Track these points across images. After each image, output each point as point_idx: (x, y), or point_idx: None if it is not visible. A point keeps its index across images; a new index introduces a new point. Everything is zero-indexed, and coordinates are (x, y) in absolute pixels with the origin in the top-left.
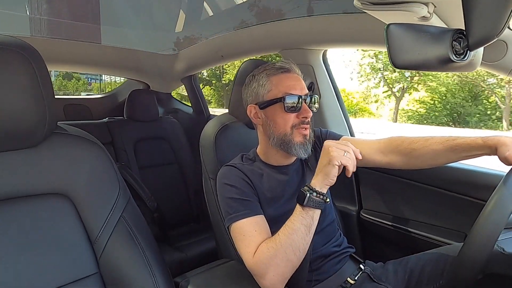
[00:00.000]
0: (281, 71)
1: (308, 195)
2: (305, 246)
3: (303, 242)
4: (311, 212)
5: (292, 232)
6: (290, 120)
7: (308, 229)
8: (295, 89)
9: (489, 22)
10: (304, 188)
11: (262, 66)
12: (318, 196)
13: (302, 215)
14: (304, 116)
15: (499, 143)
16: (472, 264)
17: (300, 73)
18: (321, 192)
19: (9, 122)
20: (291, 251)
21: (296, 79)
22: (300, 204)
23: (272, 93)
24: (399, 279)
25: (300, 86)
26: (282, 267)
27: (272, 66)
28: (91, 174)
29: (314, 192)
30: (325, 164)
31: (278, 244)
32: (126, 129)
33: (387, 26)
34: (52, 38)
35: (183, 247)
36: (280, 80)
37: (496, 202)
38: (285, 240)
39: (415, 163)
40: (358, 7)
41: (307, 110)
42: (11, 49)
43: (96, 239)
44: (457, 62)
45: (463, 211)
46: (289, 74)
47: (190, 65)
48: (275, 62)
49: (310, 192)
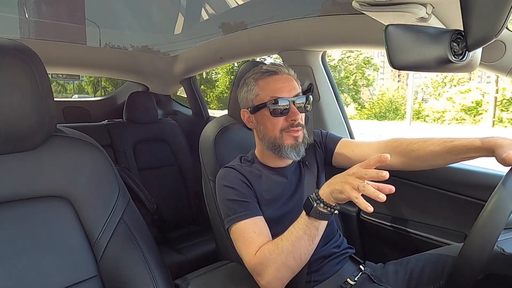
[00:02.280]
0: (267, 74)
1: (314, 206)
2: (307, 255)
3: (305, 251)
4: (316, 223)
5: (295, 240)
6: (278, 124)
7: (311, 239)
8: (282, 92)
9: (488, 22)
10: (312, 196)
11: (251, 70)
12: (325, 207)
13: (306, 224)
14: (292, 119)
15: (496, 145)
16: (472, 265)
17: (293, 72)
18: (328, 204)
19: (8, 125)
20: (292, 258)
21: (284, 81)
22: (306, 213)
23: (259, 98)
24: (399, 280)
25: (288, 88)
26: (282, 271)
27: (259, 70)
28: (90, 177)
29: (322, 203)
30: (338, 189)
31: (280, 249)
32: (126, 131)
33: (386, 27)
34: (51, 41)
35: (183, 249)
36: (266, 83)
37: (495, 203)
38: (287, 247)
39: (413, 164)
40: (357, 8)
41: (296, 112)
42: (10, 52)
43: (96, 241)
44: (456, 62)
45: (462, 211)
46: (276, 77)
47: (189, 67)
48: (262, 65)
49: (317, 202)
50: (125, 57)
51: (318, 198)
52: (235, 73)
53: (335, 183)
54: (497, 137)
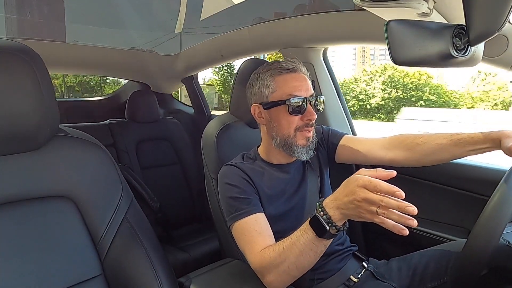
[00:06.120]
0: (287, 71)
1: (327, 229)
2: (310, 265)
3: (309, 264)
4: (325, 242)
5: (300, 254)
6: (294, 123)
7: (318, 254)
8: (300, 91)
9: (490, 17)
10: (323, 218)
11: (267, 65)
12: (337, 232)
13: (314, 243)
14: (308, 119)
15: (503, 135)
16: (478, 257)
17: (306, 72)
18: (340, 228)
19: (11, 125)
20: (295, 268)
21: (302, 80)
22: (316, 233)
23: (276, 94)
24: (403, 276)
25: (305, 87)
26: (284, 277)
27: (278, 66)
28: (93, 176)
29: (334, 227)
30: (355, 215)
31: (283, 258)
32: (128, 130)
33: (387, 22)
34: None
35: (187, 247)
36: (285, 80)
37: (500, 195)
38: (290, 259)
39: (419, 159)
40: (358, 4)
41: (312, 112)
42: (12, 52)
43: (99, 241)
44: (458, 57)
45: (465, 207)
46: (294, 74)
47: (190, 65)
48: (281, 61)
49: (330, 225)
50: (127, 56)
51: (331, 222)
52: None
53: (347, 209)
54: (504, 129)
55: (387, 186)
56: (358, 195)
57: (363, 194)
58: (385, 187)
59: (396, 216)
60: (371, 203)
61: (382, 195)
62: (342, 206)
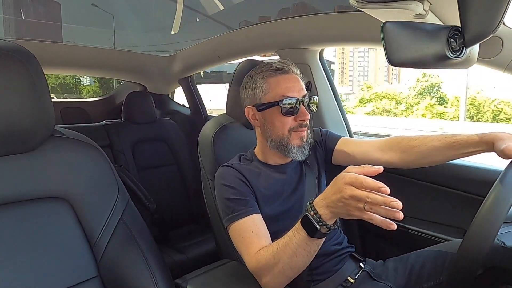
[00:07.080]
0: (279, 73)
1: (318, 228)
2: (305, 265)
3: (303, 264)
4: (318, 241)
5: (293, 254)
6: (287, 123)
7: (311, 254)
8: (293, 92)
9: (485, 18)
10: (313, 217)
11: (259, 67)
12: (328, 231)
13: (306, 243)
14: (301, 119)
15: (496, 138)
16: (473, 258)
17: (299, 72)
18: (330, 227)
19: (5, 126)
20: (289, 269)
21: (294, 80)
22: (308, 233)
23: (269, 96)
24: (399, 277)
25: (298, 87)
26: (280, 278)
27: (270, 68)
28: (89, 178)
29: (325, 226)
30: (343, 213)
31: (277, 259)
32: (124, 131)
33: (383, 24)
34: (47, 42)
35: (184, 248)
36: (277, 82)
37: (495, 196)
38: (284, 260)
39: (414, 161)
40: (354, 5)
41: (305, 113)
42: (6, 53)
43: (95, 242)
44: (454, 59)
45: (461, 207)
46: (286, 76)
47: (187, 66)
48: (273, 63)
49: (321, 225)
50: (123, 57)
51: (321, 220)
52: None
53: (336, 207)
54: (497, 132)
55: (372, 182)
56: (345, 192)
57: (350, 192)
58: (371, 183)
59: (383, 210)
60: (358, 200)
61: (368, 191)
62: (331, 204)
